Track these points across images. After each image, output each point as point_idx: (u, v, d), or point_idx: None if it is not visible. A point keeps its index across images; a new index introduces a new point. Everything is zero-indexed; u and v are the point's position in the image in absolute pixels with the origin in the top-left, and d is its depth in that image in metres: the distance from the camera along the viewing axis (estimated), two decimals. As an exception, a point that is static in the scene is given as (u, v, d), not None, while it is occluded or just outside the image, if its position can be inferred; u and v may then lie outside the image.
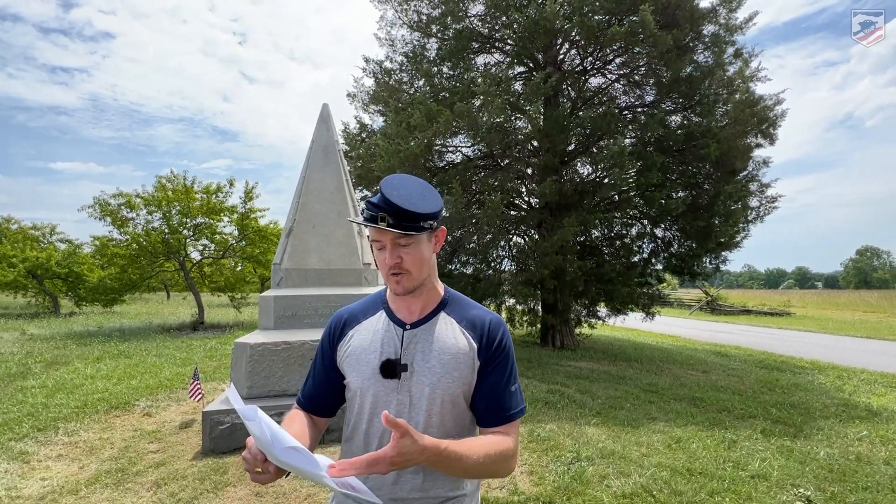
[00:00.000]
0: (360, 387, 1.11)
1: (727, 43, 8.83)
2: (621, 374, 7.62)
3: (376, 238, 1.06)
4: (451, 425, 1.10)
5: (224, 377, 6.91)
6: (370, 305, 1.22)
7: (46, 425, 4.71)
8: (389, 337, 1.12)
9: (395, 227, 1.00)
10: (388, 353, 1.10)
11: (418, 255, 1.07)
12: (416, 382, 1.08)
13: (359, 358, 1.12)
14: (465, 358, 1.11)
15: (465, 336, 1.13)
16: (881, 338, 14.04)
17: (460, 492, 1.13)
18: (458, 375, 1.09)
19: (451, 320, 1.16)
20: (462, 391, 1.10)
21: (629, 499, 3.23)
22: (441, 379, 1.08)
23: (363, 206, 1.08)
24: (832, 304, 29.46)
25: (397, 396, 1.08)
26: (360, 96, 11.01)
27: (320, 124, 5.44)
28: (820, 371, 8.54)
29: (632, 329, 15.28)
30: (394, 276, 1.08)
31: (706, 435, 4.60)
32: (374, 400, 1.10)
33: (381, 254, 1.08)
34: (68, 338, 11.31)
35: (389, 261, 1.06)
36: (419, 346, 1.11)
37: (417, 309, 1.15)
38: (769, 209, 9.44)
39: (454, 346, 1.11)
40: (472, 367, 1.11)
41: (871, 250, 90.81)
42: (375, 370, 1.09)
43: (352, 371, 1.13)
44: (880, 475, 3.75)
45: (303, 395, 1.23)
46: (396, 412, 1.08)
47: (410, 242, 1.06)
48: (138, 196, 13.51)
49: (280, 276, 4.93)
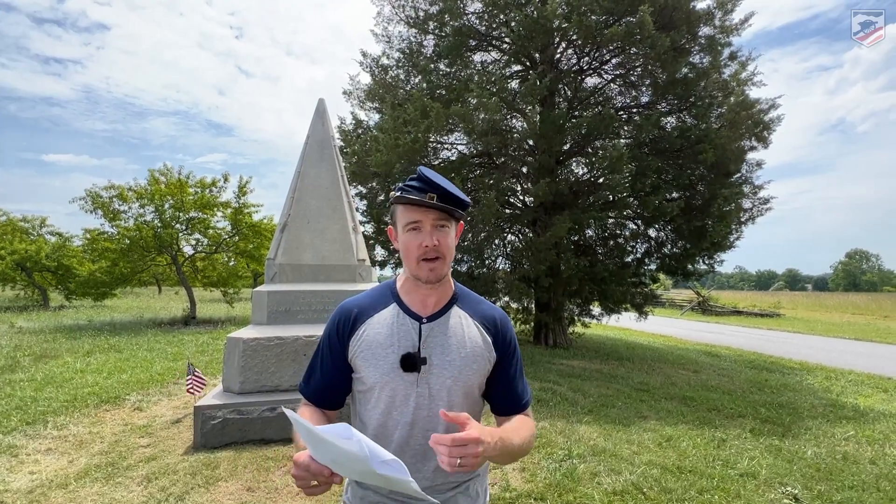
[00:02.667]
0: (377, 381, 1.10)
1: (723, 45, 8.88)
2: (613, 373, 7.67)
3: (416, 219, 1.06)
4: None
5: (216, 372, 6.87)
6: (379, 299, 1.19)
7: (35, 419, 4.66)
8: (405, 331, 1.12)
9: (442, 206, 1.04)
10: (405, 346, 1.10)
11: (451, 240, 1.10)
12: (437, 375, 1.09)
13: (374, 352, 1.11)
14: (481, 351, 1.14)
15: (480, 330, 1.16)
16: (869, 340, 14.22)
17: (474, 473, 1.17)
18: (477, 368, 1.13)
19: (465, 314, 1.17)
20: (478, 383, 1.14)
21: (620, 496, 3.26)
22: (462, 371, 1.11)
23: (401, 186, 1.08)
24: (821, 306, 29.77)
25: (416, 389, 1.09)
26: (356, 93, 10.97)
27: (316, 119, 5.42)
28: (808, 372, 8.64)
29: (624, 328, 15.36)
30: (427, 261, 1.07)
31: (696, 434, 4.64)
32: (391, 393, 1.10)
33: (416, 236, 1.07)
34: (58, 331, 11.20)
35: (429, 242, 1.05)
36: (437, 339, 1.12)
37: (432, 302, 1.15)
38: (762, 211, 9.53)
39: (471, 339, 1.14)
40: (488, 360, 1.15)
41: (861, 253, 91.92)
42: (394, 364, 1.09)
43: (367, 365, 1.12)
44: (866, 474, 3.80)
45: (311, 391, 1.20)
46: (416, 405, 1.09)
47: (447, 226, 1.08)
48: (131, 189, 13.37)
49: (274, 272, 4.91)
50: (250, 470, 3.50)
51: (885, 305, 26.32)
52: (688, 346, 12.34)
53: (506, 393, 1.19)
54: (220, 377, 5.88)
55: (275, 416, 4.08)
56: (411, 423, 1.08)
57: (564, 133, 8.64)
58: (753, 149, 9.12)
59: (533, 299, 10.39)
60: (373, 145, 9.11)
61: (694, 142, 8.49)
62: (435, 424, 1.08)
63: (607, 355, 9.56)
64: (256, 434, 4.05)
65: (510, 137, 9.00)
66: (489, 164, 10.09)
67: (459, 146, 10.30)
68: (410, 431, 1.09)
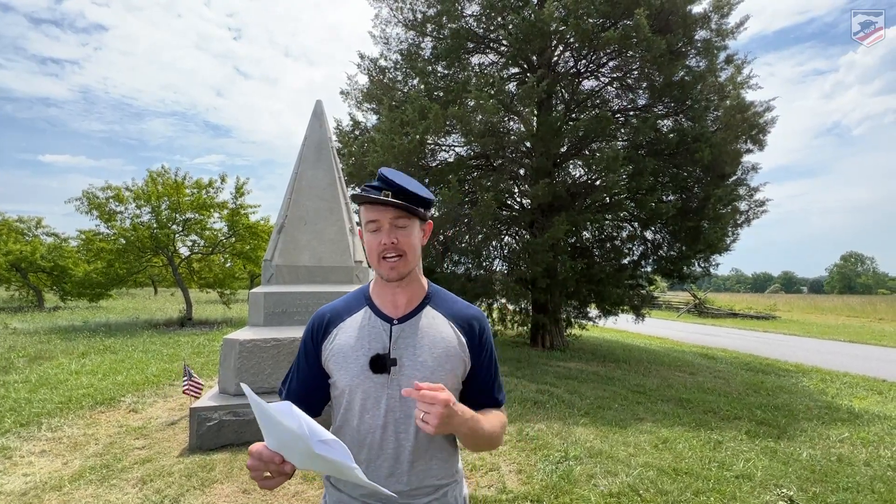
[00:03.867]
0: (348, 385, 1.10)
1: (719, 48, 8.93)
2: (609, 375, 7.68)
3: (373, 218, 1.07)
4: None
5: (212, 373, 6.85)
6: (353, 302, 1.20)
7: (29, 420, 4.64)
8: (376, 333, 1.11)
9: (396, 202, 1.03)
10: (375, 348, 1.09)
11: (413, 239, 1.09)
12: (407, 377, 1.08)
13: (346, 356, 1.11)
14: (455, 351, 1.12)
15: (454, 330, 1.15)
16: (864, 342, 14.28)
17: (451, 479, 1.16)
18: (450, 368, 1.11)
19: (438, 314, 1.16)
20: (452, 383, 1.11)
21: (616, 498, 3.26)
22: (434, 372, 1.09)
23: (361, 189, 1.09)
24: (817, 308, 29.90)
25: (387, 391, 1.08)
26: (354, 94, 10.97)
27: (313, 121, 5.42)
28: (804, 374, 8.67)
29: (620, 330, 15.39)
30: (387, 259, 1.07)
31: (692, 435, 4.65)
32: (363, 396, 1.09)
33: (375, 235, 1.08)
34: (52, 332, 11.14)
35: (386, 240, 1.06)
36: (408, 340, 1.11)
37: (403, 303, 1.15)
38: (758, 213, 9.57)
39: (444, 340, 1.12)
40: (462, 360, 1.13)
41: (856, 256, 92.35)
42: (364, 367, 1.08)
43: (339, 369, 1.11)
44: (860, 476, 3.82)
45: (287, 395, 1.19)
46: (387, 407, 1.07)
47: (407, 225, 1.08)
48: (127, 189, 13.33)
49: (271, 273, 4.90)
50: (246, 472, 3.49)
51: (879, 308, 26.42)
52: (684, 348, 12.37)
53: (481, 392, 1.19)
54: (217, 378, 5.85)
55: (271, 418, 4.07)
56: (383, 426, 1.07)
57: (562, 135, 8.67)
58: (749, 151, 9.17)
59: (530, 301, 10.40)
60: (370, 146, 9.11)
61: (690, 144, 8.53)
62: (407, 426, 1.07)
63: (604, 357, 9.57)
64: (253, 436, 4.03)
65: (507, 139, 9.02)
66: (486, 167, 10.11)
67: (457, 148, 10.32)
68: (383, 434, 1.07)
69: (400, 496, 1.06)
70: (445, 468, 1.14)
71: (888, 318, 23.15)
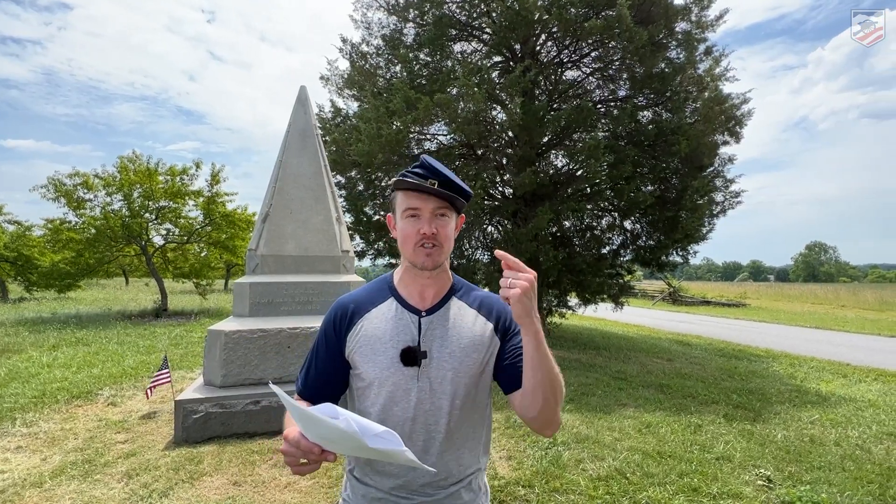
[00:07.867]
0: (377, 377, 1.09)
1: (698, 41, 9.06)
2: (591, 363, 7.84)
3: (415, 206, 1.06)
4: (470, 407, 1.13)
5: (192, 365, 6.71)
6: (376, 293, 1.18)
7: (2, 416, 4.47)
8: (404, 325, 1.11)
9: (442, 192, 1.03)
10: (404, 340, 1.09)
11: (450, 230, 1.10)
12: (437, 368, 1.08)
13: (373, 348, 1.10)
14: (482, 339, 1.13)
15: (479, 318, 1.15)
16: (828, 328, 14.92)
17: (477, 467, 1.17)
18: (478, 357, 1.12)
19: (464, 304, 1.17)
20: (481, 371, 1.12)
21: (604, 481, 3.35)
22: (462, 362, 1.10)
23: (402, 172, 1.07)
24: (784, 296, 31.04)
25: (417, 384, 1.08)
26: (335, 80, 10.74)
27: (298, 107, 5.29)
28: (774, 359, 9.02)
29: (599, 318, 15.69)
30: (424, 248, 1.07)
31: (673, 420, 4.80)
32: (392, 388, 1.09)
33: (413, 223, 1.07)
34: (19, 324, 10.72)
35: (427, 229, 1.05)
36: (437, 332, 1.11)
37: (431, 294, 1.15)
38: (733, 204, 9.82)
39: (472, 329, 1.13)
40: (489, 347, 1.13)
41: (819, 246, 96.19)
42: (394, 359, 1.08)
43: (366, 361, 1.11)
44: (832, 455, 4.01)
45: (304, 385, 1.18)
46: (417, 399, 1.08)
47: (447, 216, 1.08)
48: (97, 176, 12.82)
49: (255, 263, 4.80)
50: (235, 464, 3.44)
51: (841, 295, 27.62)
52: (660, 335, 12.70)
53: (517, 369, 1.08)
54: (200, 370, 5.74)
55: (259, 410, 4.02)
56: (413, 418, 1.08)
57: (545, 125, 8.69)
58: (726, 143, 9.37)
59: (512, 290, 10.46)
60: (353, 134, 8.96)
61: (668, 135, 8.67)
62: (437, 418, 1.08)
63: (584, 345, 9.76)
64: (240, 428, 3.98)
65: (491, 128, 9.00)
66: (470, 156, 10.08)
67: (440, 136, 10.25)
68: (412, 426, 1.08)
69: (429, 487, 1.07)
70: (472, 457, 1.15)
71: (850, 305, 24.23)
